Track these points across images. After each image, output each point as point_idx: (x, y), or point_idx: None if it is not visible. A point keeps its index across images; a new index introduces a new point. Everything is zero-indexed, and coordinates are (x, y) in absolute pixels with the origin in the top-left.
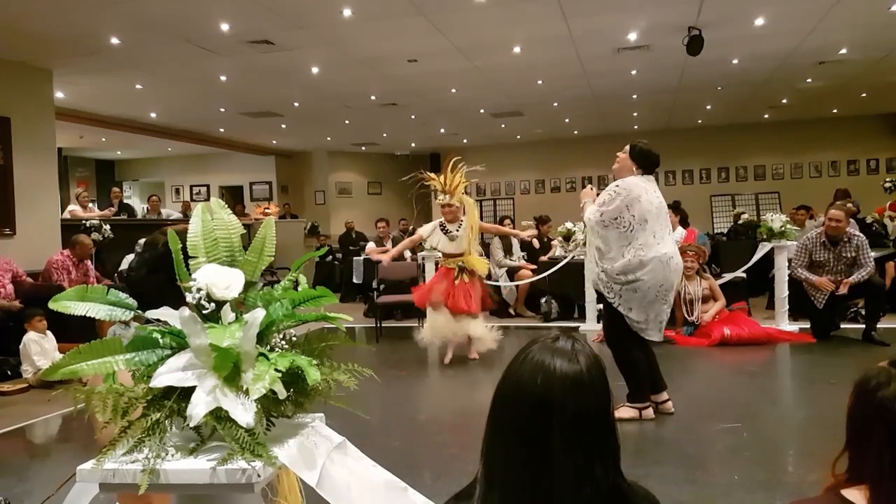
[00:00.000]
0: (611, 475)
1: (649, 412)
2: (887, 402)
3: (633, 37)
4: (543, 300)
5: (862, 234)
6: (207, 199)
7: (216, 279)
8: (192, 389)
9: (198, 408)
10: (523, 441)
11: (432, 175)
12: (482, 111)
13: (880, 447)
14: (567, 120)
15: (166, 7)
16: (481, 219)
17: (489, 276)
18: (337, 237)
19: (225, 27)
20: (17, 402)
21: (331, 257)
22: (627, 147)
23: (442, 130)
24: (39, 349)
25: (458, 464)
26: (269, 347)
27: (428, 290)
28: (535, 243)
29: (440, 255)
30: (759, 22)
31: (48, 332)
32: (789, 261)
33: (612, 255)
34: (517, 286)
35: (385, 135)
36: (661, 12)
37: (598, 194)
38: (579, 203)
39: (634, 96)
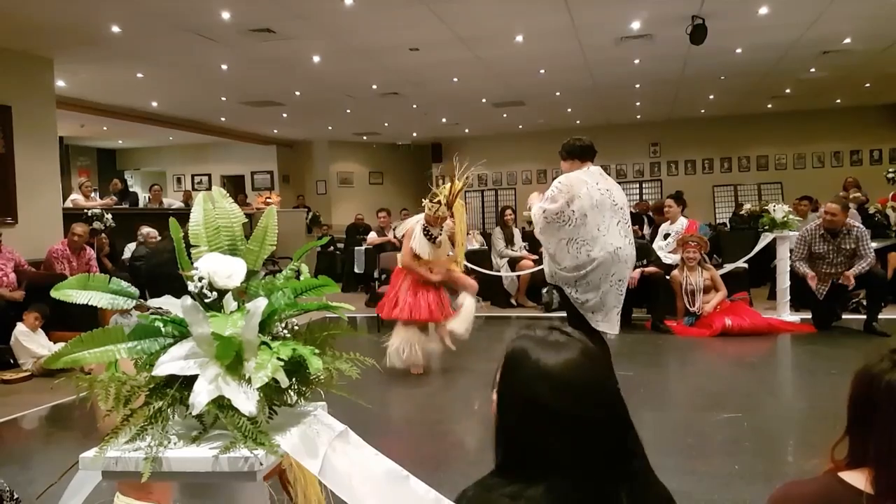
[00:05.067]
0: (640, 450)
1: None
2: (895, 384)
3: (635, 26)
4: (545, 290)
5: (862, 226)
6: (209, 189)
7: (218, 268)
8: (194, 378)
9: (200, 396)
10: (569, 445)
11: (441, 191)
12: (484, 101)
13: (889, 428)
14: (569, 110)
15: None
16: (481, 211)
17: (491, 267)
18: (337, 227)
19: (226, 16)
20: (20, 390)
21: (332, 247)
22: (559, 155)
23: (443, 120)
24: (31, 340)
25: (459, 452)
26: (271, 336)
27: (394, 303)
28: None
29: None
30: (763, 11)
31: (39, 330)
32: (791, 251)
33: (556, 252)
34: (518, 276)
35: (386, 124)
36: (664, 1)
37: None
38: (527, 206)
39: (637, 86)
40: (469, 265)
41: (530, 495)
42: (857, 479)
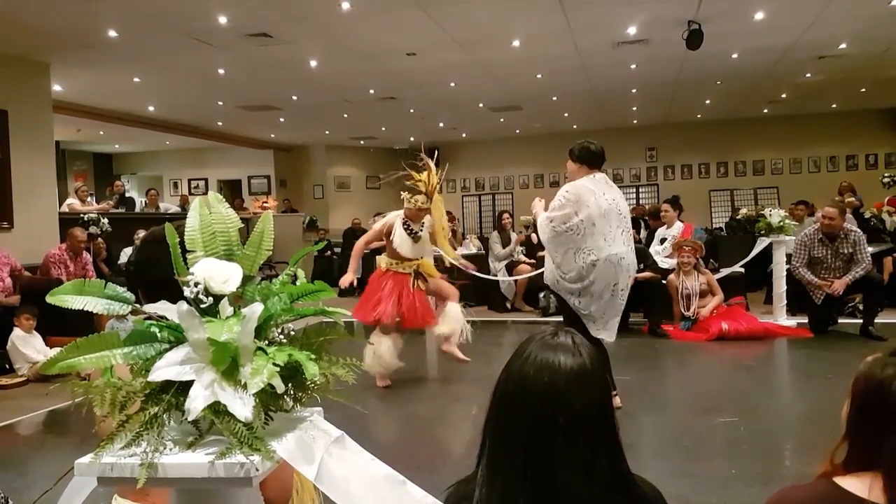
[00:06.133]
0: (617, 466)
1: (616, 401)
2: None
3: (632, 31)
4: (542, 295)
5: (859, 230)
6: (205, 193)
7: (214, 273)
8: (190, 383)
9: (196, 402)
10: (528, 439)
11: (418, 176)
12: (481, 105)
13: None
14: (566, 114)
15: None
16: (479, 216)
17: (488, 271)
18: (334, 231)
19: (223, 20)
20: (16, 395)
21: (329, 251)
22: (569, 153)
23: (441, 124)
24: (28, 345)
25: (455, 457)
26: (267, 342)
27: (375, 304)
28: (534, 238)
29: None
30: (759, 16)
31: (34, 332)
32: (788, 257)
33: (563, 262)
34: (516, 281)
35: (384, 129)
36: (660, 6)
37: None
38: (531, 212)
39: (633, 90)
40: (466, 268)
41: (463, 493)
42: (855, 485)
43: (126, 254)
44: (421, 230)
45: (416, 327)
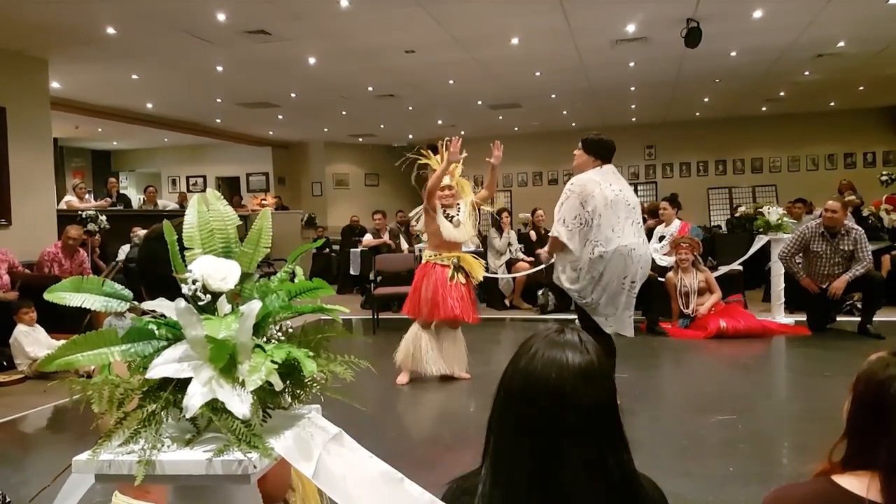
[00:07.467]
0: (624, 465)
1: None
2: None
3: (631, 29)
4: (540, 292)
5: (860, 228)
6: (204, 190)
7: (212, 270)
8: (188, 381)
9: (194, 399)
10: (534, 436)
11: (430, 154)
12: (480, 103)
13: None
14: (565, 112)
15: None
16: (477, 214)
17: (487, 269)
18: (333, 229)
19: (221, 17)
20: (14, 392)
21: (328, 249)
22: (580, 143)
23: (439, 122)
24: (32, 340)
25: (453, 455)
26: (265, 339)
27: (420, 299)
28: (533, 235)
29: (425, 246)
30: (758, 15)
31: (37, 325)
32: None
33: (578, 256)
34: (514, 278)
35: (382, 126)
36: (659, 4)
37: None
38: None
39: (632, 89)
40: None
41: (465, 487)
42: (853, 483)
43: (124, 251)
44: (458, 214)
45: (450, 319)
